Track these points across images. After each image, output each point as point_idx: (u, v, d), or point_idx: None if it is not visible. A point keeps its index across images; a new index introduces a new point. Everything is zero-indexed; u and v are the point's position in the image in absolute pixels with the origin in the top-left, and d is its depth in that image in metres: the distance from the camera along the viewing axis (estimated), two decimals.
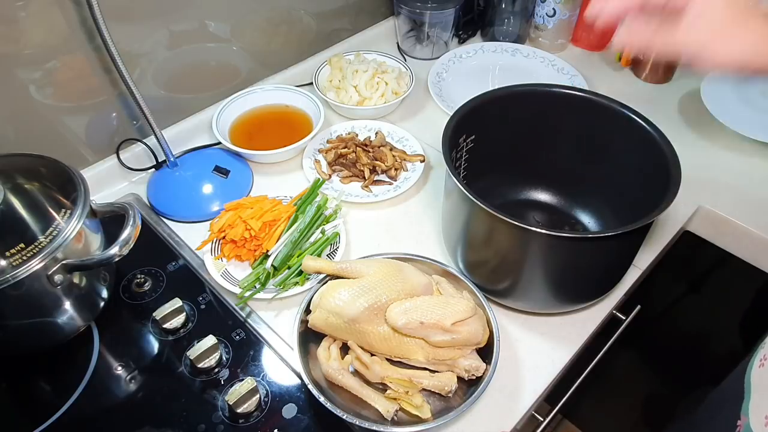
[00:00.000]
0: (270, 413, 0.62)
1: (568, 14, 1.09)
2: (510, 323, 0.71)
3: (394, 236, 0.82)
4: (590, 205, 0.80)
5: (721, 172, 0.89)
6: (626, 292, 0.75)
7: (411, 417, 0.61)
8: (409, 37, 1.13)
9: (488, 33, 1.18)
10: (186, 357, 0.66)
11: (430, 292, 0.66)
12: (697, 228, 0.87)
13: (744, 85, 0.99)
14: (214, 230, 0.76)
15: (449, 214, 0.71)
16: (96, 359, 0.67)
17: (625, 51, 0.48)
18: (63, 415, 0.62)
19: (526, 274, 0.64)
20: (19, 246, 0.56)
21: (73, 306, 0.65)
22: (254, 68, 1.00)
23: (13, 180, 0.61)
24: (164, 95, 0.89)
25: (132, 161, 0.88)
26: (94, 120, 0.83)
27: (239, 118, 0.95)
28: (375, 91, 0.99)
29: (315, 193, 0.82)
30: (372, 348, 0.64)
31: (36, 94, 0.75)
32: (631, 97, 0.91)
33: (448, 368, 0.63)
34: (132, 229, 0.62)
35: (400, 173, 0.89)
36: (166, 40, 0.85)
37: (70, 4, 0.72)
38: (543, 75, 1.08)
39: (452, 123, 0.68)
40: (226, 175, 0.87)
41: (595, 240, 0.57)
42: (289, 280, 0.73)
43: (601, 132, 0.72)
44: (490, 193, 0.79)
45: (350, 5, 1.09)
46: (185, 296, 0.72)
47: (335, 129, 0.96)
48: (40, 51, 0.73)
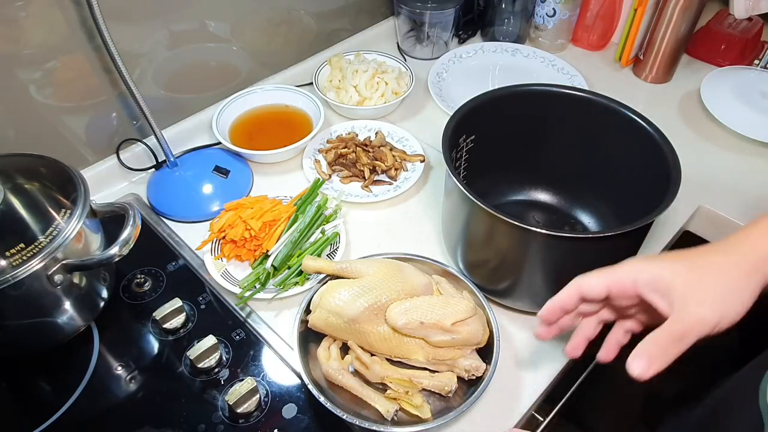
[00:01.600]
0: (270, 413, 0.62)
1: (568, 14, 1.09)
2: (510, 323, 0.71)
3: (394, 236, 0.82)
4: (590, 205, 0.80)
5: (721, 172, 0.89)
6: None
7: (411, 417, 0.61)
8: (409, 37, 1.13)
9: (488, 33, 1.18)
10: (186, 357, 0.66)
11: (430, 292, 0.66)
12: (697, 228, 0.87)
13: (744, 86, 0.99)
14: (214, 230, 0.76)
15: (449, 214, 0.71)
16: (96, 359, 0.67)
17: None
18: (63, 415, 0.62)
19: (526, 274, 0.64)
20: (19, 246, 0.56)
21: (73, 306, 0.65)
22: (254, 68, 1.00)
23: (13, 180, 0.61)
24: (164, 95, 0.89)
25: (132, 161, 0.88)
26: (94, 120, 0.83)
27: (239, 118, 0.95)
28: (375, 91, 0.99)
29: (315, 193, 0.82)
30: (372, 348, 0.64)
31: (36, 94, 0.75)
32: (631, 97, 0.91)
33: (448, 368, 0.63)
34: (132, 229, 0.62)
35: (400, 173, 0.89)
36: (166, 40, 0.85)
37: (70, 4, 0.72)
38: (543, 75, 1.08)
39: (452, 123, 0.68)
40: (226, 175, 0.87)
41: (595, 240, 0.57)
42: (289, 280, 0.73)
43: (601, 132, 0.72)
44: (490, 193, 0.79)
45: (350, 5, 1.09)
46: (185, 296, 0.72)
47: (335, 129, 0.96)
48: (40, 51, 0.73)
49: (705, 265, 0.46)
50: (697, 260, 0.47)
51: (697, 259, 0.47)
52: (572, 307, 0.52)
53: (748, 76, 1.02)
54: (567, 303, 0.52)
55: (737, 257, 0.46)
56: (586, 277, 0.51)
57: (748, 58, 1.09)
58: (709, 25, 1.11)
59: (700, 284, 0.45)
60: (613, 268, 0.50)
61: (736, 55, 1.08)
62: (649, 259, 0.50)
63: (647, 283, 0.47)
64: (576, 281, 0.51)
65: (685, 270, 0.46)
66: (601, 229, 0.78)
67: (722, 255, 0.47)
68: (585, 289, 0.50)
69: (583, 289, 0.50)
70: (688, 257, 0.48)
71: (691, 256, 0.48)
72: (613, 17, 1.12)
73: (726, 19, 1.10)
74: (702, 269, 0.46)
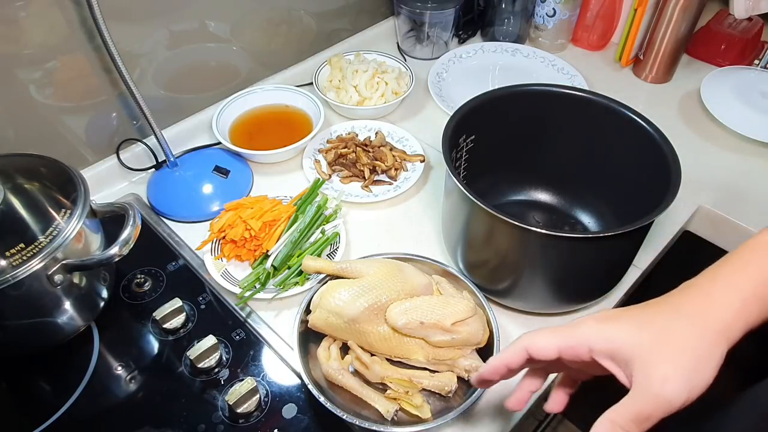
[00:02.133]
0: (270, 413, 0.62)
1: (568, 14, 1.09)
2: (510, 323, 0.71)
3: (394, 236, 0.82)
4: (590, 205, 0.80)
5: (721, 172, 0.89)
6: (626, 292, 0.75)
7: (411, 417, 0.61)
8: (409, 37, 1.13)
9: (488, 33, 1.18)
10: (186, 357, 0.66)
11: (430, 292, 0.66)
12: (697, 228, 0.87)
13: (744, 86, 0.99)
14: (214, 230, 0.76)
15: (449, 214, 0.71)
16: (96, 359, 0.67)
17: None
18: (63, 415, 0.62)
19: (526, 274, 0.64)
20: (19, 246, 0.56)
21: (73, 306, 0.65)
22: (254, 68, 1.00)
23: (13, 180, 0.61)
24: (164, 95, 0.89)
25: (132, 161, 0.88)
26: (94, 120, 0.83)
27: (239, 118, 0.95)
28: (375, 91, 0.99)
29: (315, 193, 0.82)
30: (372, 348, 0.64)
31: (36, 94, 0.75)
32: (631, 97, 0.91)
33: (448, 368, 0.63)
34: (132, 229, 0.62)
35: (400, 173, 0.89)
36: (166, 40, 0.85)
37: (70, 4, 0.72)
38: (543, 75, 1.08)
39: (452, 123, 0.68)
40: (226, 175, 0.87)
41: (595, 240, 0.57)
42: (289, 280, 0.73)
43: (601, 132, 0.72)
44: (490, 193, 0.79)
45: (350, 5, 1.09)
46: (185, 296, 0.72)
47: (335, 129, 0.96)
48: (40, 51, 0.73)
49: (668, 333, 0.41)
50: (659, 325, 0.42)
51: (660, 325, 0.42)
52: (518, 367, 0.48)
53: (748, 76, 1.02)
54: (513, 362, 0.47)
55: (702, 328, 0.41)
56: (536, 336, 0.46)
57: (748, 58, 1.09)
58: (709, 25, 1.11)
59: (664, 357, 0.40)
60: (567, 329, 0.45)
61: (736, 55, 1.08)
62: (606, 320, 0.44)
63: (604, 351, 0.42)
64: (524, 340, 0.46)
65: (648, 340, 0.41)
66: (601, 229, 0.78)
67: (686, 321, 0.41)
68: (534, 351, 0.46)
69: (531, 350, 0.46)
70: (649, 321, 0.42)
71: (652, 320, 0.42)
72: (613, 17, 1.12)
73: (726, 19, 1.10)
74: (666, 338, 0.41)
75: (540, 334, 0.46)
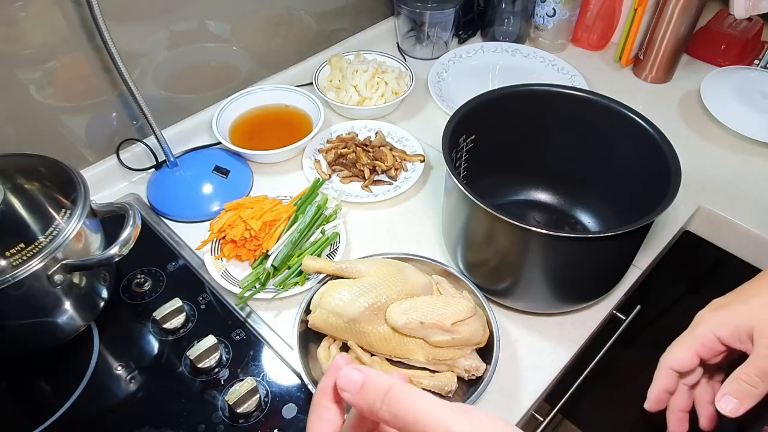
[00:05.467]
0: (270, 413, 0.62)
1: (568, 14, 1.09)
2: (510, 323, 0.71)
3: (394, 236, 0.82)
4: (590, 205, 0.80)
5: (721, 172, 0.89)
6: (626, 292, 0.75)
7: None
8: (409, 37, 1.13)
9: (488, 33, 1.18)
10: (186, 357, 0.66)
11: (430, 292, 0.66)
12: (697, 228, 0.87)
13: (744, 86, 0.99)
14: (214, 230, 0.76)
15: (449, 214, 0.71)
16: (96, 359, 0.67)
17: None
18: (63, 415, 0.62)
19: (526, 274, 0.64)
20: (19, 246, 0.56)
21: (73, 306, 0.65)
22: (254, 68, 1.00)
23: (13, 180, 0.61)
24: (164, 95, 0.89)
25: (132, 161, 0.88)
26: (94, 120, 0.83)
27: (239, 118, 0.95)
28: (375, 91, 0.99)
29: (315, 193, 0.82)
30: (372, 348, 0.64)
31: (36, 94, 0.75)
32: (631, 97, 0.91)
33: (448, 368, 0.63)
34: (132, 229, 0.62)
35: (400, 173, 0.89)
36: (166, 40, 0.85)
37: (70, 4, 0.72)
38: (543, 75, 1.08)
39: (452, 123, 0.68)
40: (226, 175, 0.87)
41: (595, 240, 0.57)
42: (289, 280, 0.73)
43: (601, 132, 0.72)
44: (490, 193, 0.79)
45: (350, 5, 1.09)
46: (185, 296, 0.72)
47: (335, 129, 0.96)
48: (40, 51, 0.73)
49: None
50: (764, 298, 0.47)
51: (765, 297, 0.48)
52: (674, 387, 0.51)
53: (748, 76, 1.02)
54: (669, 385, 0.51)
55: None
56: (672, 354, 0.50)
57: (748, 58, 1.09)
58: (709, 25, 1.11)
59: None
60: (690, 333, 0.50)
61: (736, 55, 1.08)
62: (719, 308, 0.49)
63: (730, 335, 0.47)
64: (664, 362, 0.50)
65: (758, 309, 0.47)
66: (601, 229, 0.78)
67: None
68: (677, 365, 0.49)
69: (675, 365, 0.49)
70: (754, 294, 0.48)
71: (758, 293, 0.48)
72: (613, 17, 1.12)
73: (726, 19, 1.10)
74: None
75: (672, 350, 0.50)
